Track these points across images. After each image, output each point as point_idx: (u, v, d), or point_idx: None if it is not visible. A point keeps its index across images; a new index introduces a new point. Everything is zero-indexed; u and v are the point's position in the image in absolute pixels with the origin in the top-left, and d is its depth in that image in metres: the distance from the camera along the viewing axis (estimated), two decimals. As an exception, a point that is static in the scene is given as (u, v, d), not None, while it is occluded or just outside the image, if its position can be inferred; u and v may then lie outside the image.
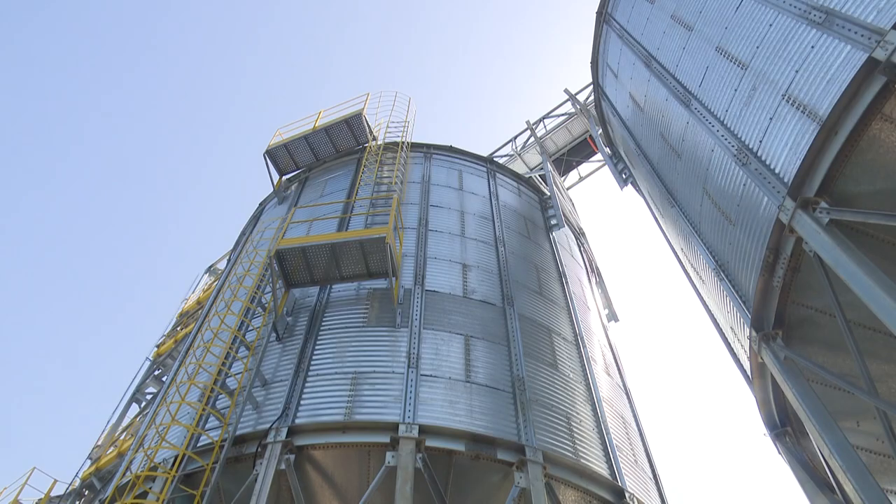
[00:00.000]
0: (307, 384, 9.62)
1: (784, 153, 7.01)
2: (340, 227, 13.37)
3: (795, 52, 7.15)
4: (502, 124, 61.13)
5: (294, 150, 17.35)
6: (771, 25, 7.81)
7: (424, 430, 8.59)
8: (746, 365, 8.84)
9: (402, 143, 16.58)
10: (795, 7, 7.36)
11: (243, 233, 18.04)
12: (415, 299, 11.37)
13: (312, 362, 10.05)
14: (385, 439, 8.47)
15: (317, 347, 10.37)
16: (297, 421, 8.92)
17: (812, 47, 6.88)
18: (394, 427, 8.58)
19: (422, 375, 9.72)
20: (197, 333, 13.78)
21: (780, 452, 8.75)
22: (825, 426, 6.63)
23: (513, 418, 9.53)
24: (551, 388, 10.72)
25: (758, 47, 7.96)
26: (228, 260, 17.96)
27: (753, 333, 7.67)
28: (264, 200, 18.31)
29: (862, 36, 6.14)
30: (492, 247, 13.87)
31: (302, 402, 9.30)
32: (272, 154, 17.28)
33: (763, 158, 7.38)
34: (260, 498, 7.81)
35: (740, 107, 8.10)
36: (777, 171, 7.10)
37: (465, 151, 17.63)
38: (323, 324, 10.91)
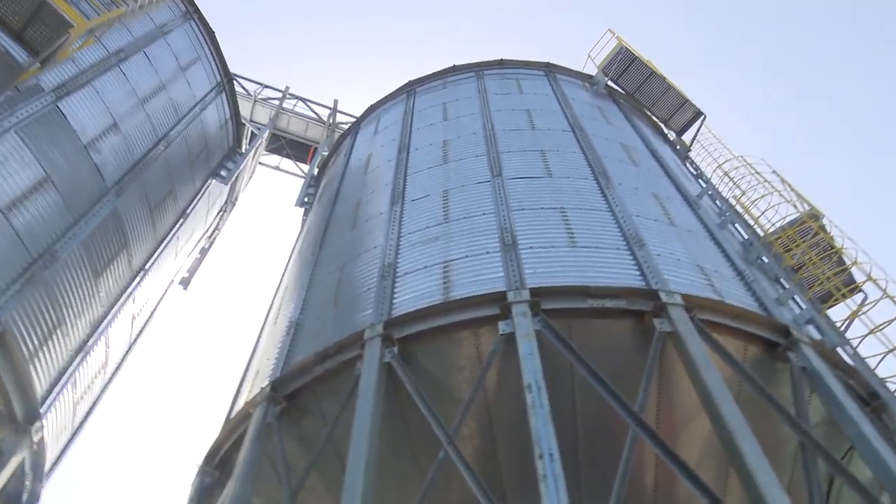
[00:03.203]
0: None
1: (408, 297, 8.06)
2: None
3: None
4: (289, 70, 57.59)
5: None
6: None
7: None
8: (238, 407, 9.24)
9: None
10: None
11: None
12: (38, 102, 9.50)
13: None
14: None
15: None
16: None
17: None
18: None
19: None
20: None
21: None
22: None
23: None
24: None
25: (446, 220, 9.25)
26: None
27: (267, 389, 8.11)
28: None
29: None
30: (157, 138, 12.58)
31: None
32: None
33: (396, 292, 8.36)
34: None
35: (416, 244, 9.15)
36: (394, 303, 8.08)
37: (220, 52, 16.18)
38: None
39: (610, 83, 15.35)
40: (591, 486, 7.49)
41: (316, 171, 16.90)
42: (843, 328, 9.74)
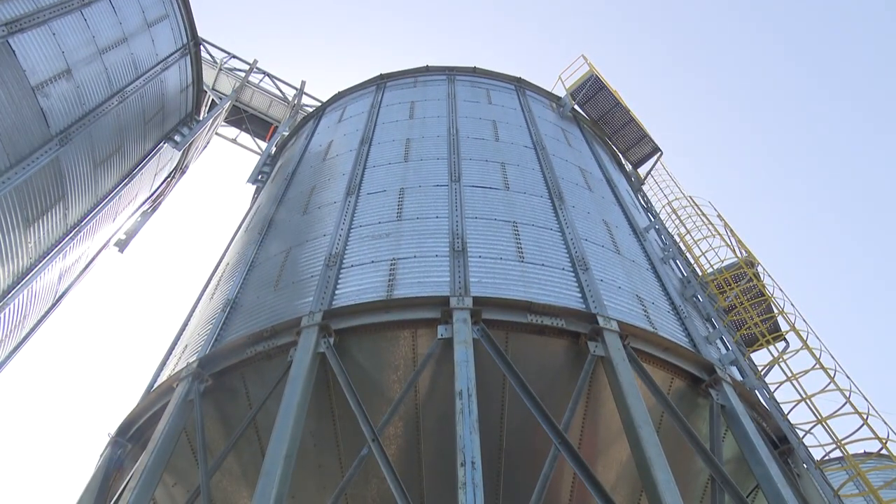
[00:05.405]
0: None
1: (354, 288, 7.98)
2: None
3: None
4: (258, 45, 56.65)
5: None
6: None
7: None
8: (161, 379, 8.96)
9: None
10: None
11: None
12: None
13: None
14: None
15: None
16: None
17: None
18: None
19: None
20: None
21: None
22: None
23: None
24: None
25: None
26: None
27: (194, 365, 7.89)
28: None
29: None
30: (112, 92, 12.11)
31: None
32: None
33: (339, 283, 8.28)
34: None
35: (366, 238, 9.10)
36: (336, 294, 7.99)
37: (190, 14, 15.71)
38: None
39: (576, 107, 15.65)
40: (509, 497, 7.58)
41: (273, 150, 16.58)
42: (763, 372, 10.19)
